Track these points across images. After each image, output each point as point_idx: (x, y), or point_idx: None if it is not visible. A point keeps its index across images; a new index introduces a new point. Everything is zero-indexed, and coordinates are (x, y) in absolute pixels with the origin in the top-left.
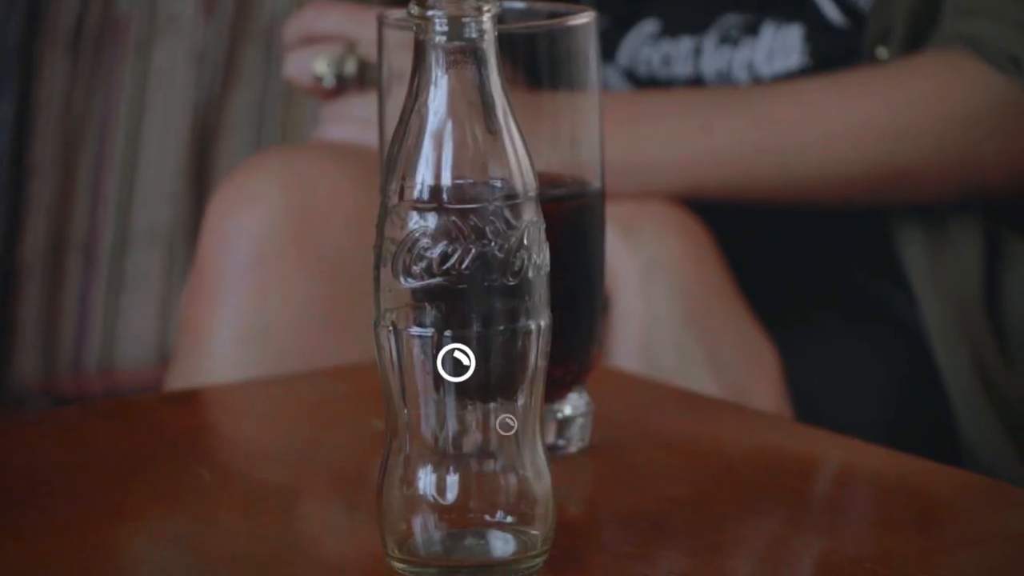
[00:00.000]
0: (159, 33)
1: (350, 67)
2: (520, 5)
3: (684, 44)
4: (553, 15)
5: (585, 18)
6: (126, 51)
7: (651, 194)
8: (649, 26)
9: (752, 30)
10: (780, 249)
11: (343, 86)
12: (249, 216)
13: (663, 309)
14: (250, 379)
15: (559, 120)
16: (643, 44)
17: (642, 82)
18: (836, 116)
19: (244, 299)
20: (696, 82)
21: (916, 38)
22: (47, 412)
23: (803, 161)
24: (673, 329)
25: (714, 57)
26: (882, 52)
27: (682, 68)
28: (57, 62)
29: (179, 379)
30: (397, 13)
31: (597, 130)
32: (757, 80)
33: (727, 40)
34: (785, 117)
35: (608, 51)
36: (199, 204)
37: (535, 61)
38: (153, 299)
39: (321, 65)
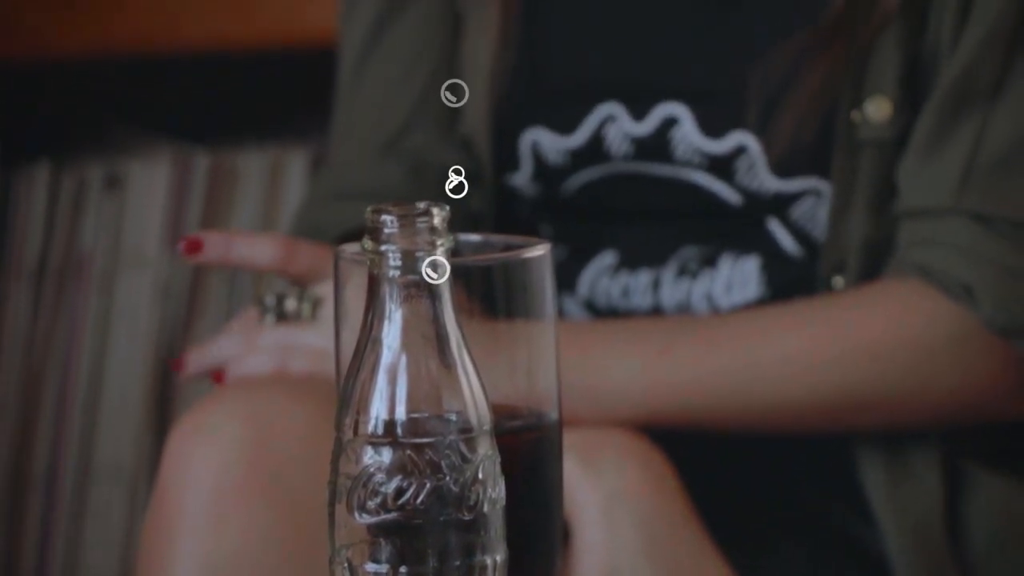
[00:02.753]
0: (123, 266)
1: (306, 306)
2: (476, 238)
3: (643, 276)
4: (508, 247)
5: (540, 251)
6: (89, 285)
7: (609, 419)
8: (608, 258)
9: (710, 262)
10: (741, 478)
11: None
12: (207, 449)
13: (625, 541)
14: None
15: (515, 350)
16: (602, 276)
17: (602, 313)
18: (793, 342)
19: (203, 533)
20: (656, 313)
21: (871, 268)
22: None
23: (761, 386)
24: (635, 561)
25: (673, 289)
26: (838, 282)
27: (642, 300)
28: (21, 296)
29: None
30: (352, 247)
31: (554, 360)
32: (716, 311)
33: (685, 272)
34: (743, 341)
35: (568, 282)
36: (161, 439)
37: (491, 292)
38: (115, 535)
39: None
